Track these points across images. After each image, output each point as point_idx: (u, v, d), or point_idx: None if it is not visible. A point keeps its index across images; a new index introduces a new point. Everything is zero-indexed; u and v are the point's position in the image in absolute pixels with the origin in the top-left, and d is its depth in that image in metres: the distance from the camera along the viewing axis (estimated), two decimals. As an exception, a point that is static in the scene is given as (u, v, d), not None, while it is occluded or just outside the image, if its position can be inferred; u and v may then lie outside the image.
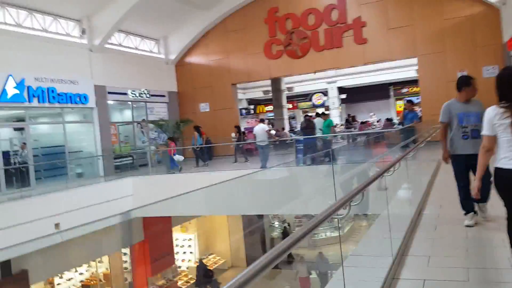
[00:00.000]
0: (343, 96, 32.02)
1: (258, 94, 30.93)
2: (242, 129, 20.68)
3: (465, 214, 4.75)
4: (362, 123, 21.81)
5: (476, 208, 4.82)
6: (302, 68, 18.13)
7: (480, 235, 4.53)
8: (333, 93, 30.89)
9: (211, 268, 15.18)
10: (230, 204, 11.20)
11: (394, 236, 4.03)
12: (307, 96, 34.25)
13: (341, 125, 21.71)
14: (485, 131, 3.19)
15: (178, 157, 14.05)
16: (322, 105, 33.80)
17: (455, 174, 4.87)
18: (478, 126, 4.23)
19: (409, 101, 11.17)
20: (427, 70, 15.69)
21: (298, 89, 30.60)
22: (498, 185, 3.09)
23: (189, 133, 17.26)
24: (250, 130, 20.81)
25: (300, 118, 35.98)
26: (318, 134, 12.76)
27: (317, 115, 14.17)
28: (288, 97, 32.81)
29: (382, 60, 16.69)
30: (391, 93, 31.31)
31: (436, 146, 11.91)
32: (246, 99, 33.40)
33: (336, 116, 29.62)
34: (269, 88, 24.21)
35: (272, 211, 12.52)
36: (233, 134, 16.55)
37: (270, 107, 29.87)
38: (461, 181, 4.79)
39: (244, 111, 32.06)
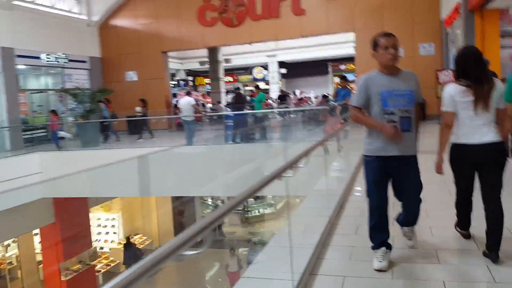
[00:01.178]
0: (283, 70, 31.46)
1: (196, 65, 29.51)
2: (174, 102, 19.46)
3: (374, 248, 3.20)
4: (299, 99, 21.26)
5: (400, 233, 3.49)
6: (238, 38, 17.08)
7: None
8: (273, 67, 30.23)
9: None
10: (153, 185, 10.22)
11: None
12: (247, 70, 33.38)
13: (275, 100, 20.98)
14: (446, 108, 3.22)
15: (64, 134, 12.70)
16: (263, 79, 33.13)
17: (368, 187, 3.24)
18: (410, 112, 3.07)
19: (343, 77, 10.55)
20: (364, 46, 15.12)
21: (238, 61, 29.57)
22: (457, 158, 3.21)
23: (116, 105, 15.93)
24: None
25: (242, 91, 35.21)
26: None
27: (257, 88, 13.27)
28: (227, 70, 31.74)
29: (320, 33, 15.99)
30: (330, 69, 31.11)
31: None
32: (184, 69, 31.89)
33: (276, 91, 29.07)
34: (206, 59, 22.96)
35: (198, 192, 11.64)
36: (138, 108, 15.26)
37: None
38: (374, 198, 3.21)
39: (182, 82, 30.61)
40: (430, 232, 3.82)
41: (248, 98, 14.52)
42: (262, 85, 34.61)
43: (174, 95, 23.81)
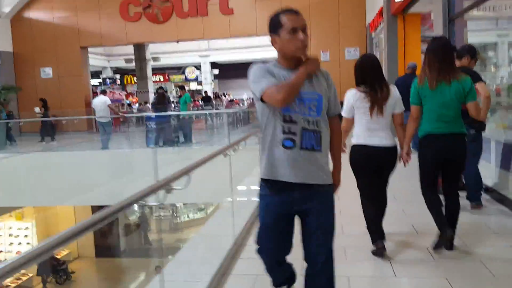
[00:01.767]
0: (216, 71, 30.94)
1: (122, 62, 28.15)
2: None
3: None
4: (230, 101, 20.81)
5: None
6: (165, 36, 16.26)
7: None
8: (206, 67, 29.61)
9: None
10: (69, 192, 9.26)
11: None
12: (180, 69, 32.47)
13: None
14: (344, 114, 3.29)
15: None
16: (195, 79, 32.37)
17: (259, 234, 2.35)
18: (319, 125, 2.11)
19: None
20: (293, 48, 15.03)
21: (170, 60, 28.57)
22: (356, 160, 3.32)
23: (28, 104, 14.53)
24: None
25: (173, 91, 34.11)
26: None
27: (181, 88, 12.53)
28: (158, 69, 30.65)
29: (249, 34, 15.60)
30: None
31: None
32: (112, 67, 30.34)
33: (210, 92, 28.49)
34: (133, 57, 21.79)
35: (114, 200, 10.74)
36: (37, 109, 14.05)
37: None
38: (264, 250, 2.37)
39: (108, 80, 29.07)
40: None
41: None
42: (194, 85, 33.95)
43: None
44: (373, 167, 3.31)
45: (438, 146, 3.23)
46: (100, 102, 10.64)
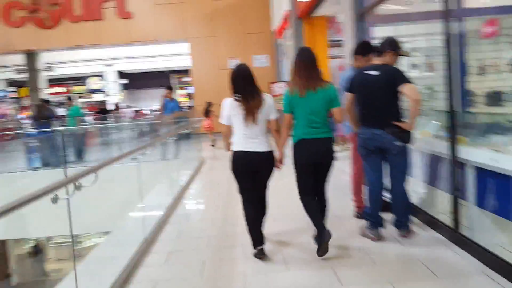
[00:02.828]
0: (125, 81, 29.04)
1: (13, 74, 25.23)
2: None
3: None
4: (136, 111, 19.37)
5: None
6: (56, 42, 14.52)
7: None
8: (112, 77, 27.65)
9: None
10: None
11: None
12: (82, 79, 30.07)
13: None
14: (221, 120, 3.50)
15: None
16: (100, 90, 30.20)
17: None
18: None
19: (169, 88, 9.18)
20: (199, 55, 14.16)
21: (70, 70, 26.23)
22: (234, 165, 3.50)
23: None
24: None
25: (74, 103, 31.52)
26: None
27: (69, 99, 10.96)
28: (57, 80, 28.08)
29: (150, 39, 14.41)
30: (173, 81, 29.76)
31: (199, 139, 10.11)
32: (6, 79, 27.14)
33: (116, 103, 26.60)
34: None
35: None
36: None
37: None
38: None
39: (5, 93, 25.94)
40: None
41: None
42: (100, 97, 31.65)
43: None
44: (250, 172, 3.49)
45: (309, 150, 3.41)
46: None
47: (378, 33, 5.11)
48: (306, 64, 3.39)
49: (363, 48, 4.04)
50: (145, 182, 6.15)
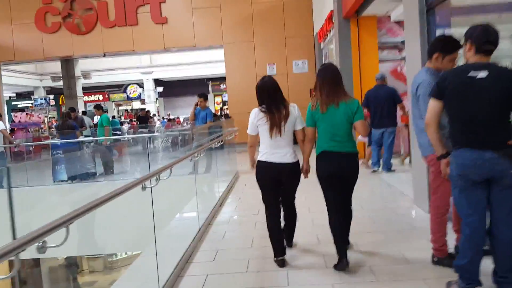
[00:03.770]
0: (160, 89, 28.89)
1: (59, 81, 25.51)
2: (9, 126, 15.76)
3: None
4: (169, 120, 18.90)
5: None
6: (89, 48, 14.19)
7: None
8: (149, 85, 27.53)
9: None
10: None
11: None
12: (121, 87, 30.16)
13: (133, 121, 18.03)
14: (249, 131, 3.59)
15: None
16: (138, 98, 30.17)
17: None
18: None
19: (202, 95, 8.44)
20: (235, 61, 13.44)
21: (110, 78, 26.34)
22: (259, 176, 3.57)
23: None
24: (22, 127, 16.03)
25: (114, 111, 31.59)
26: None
27: (98, 107, 10.39)
28: (97, 87, 28.32)
29: (186, 46, 13.84)
30: (210, 88, 29.36)
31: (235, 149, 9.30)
32: (44, 87, 27.60)
33: (154, 111, 26.45)
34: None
35: None
36: None
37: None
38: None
39: (41, 101, 26.25)
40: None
41: (91, 120, 11.57)
42: (138, 104, 31.63)
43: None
44: (275, 183, 3.56)
45: (332, 162, 3.41)
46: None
47: (452, 30, 4.15)
48: (329, 81, 3.40)
49: (447, 44, 3.12)
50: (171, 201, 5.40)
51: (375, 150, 7.47)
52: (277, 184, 3.55)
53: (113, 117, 20.81)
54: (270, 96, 3.47)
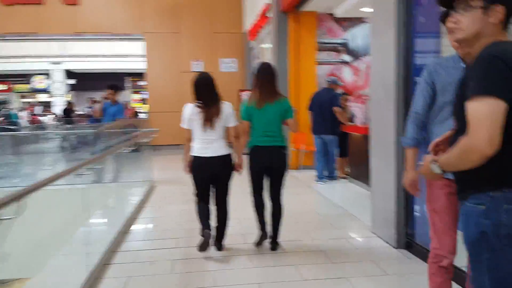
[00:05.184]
0: (72, 81, 26.38)
1: None
2: None
3: None
4: (79, 115, 16.99)
5: None
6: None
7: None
8: (59, 76, 25.02)
9: None
10: None
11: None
12: (26, 77, 27.14)
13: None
14: (183, 125, 3.67)
15: None
16: (45, 90, 27.39)
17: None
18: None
19: (113, 87, 7.12)
20: (156, 54, 12.13)
21: (11, 66, 23.40)
22: (193, 170, 3.66)
23: None
24: None
25: (16, 104, 28.39)
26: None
27: None
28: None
29: (101, 31, 12.21)
30: (128, 84, 27.42)
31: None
32: None
33: (61, 105, 24.00)
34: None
35: None
36: None
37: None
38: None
39: None
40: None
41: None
42: (45, 97, 28.64)
43: None
44: (208, 176, 3.67)
45: (263, 156, 3.69)
46: None
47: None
48: (267, 79, 3.66)
49: None
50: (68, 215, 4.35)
51: (320, 160, 6.78)
52: (210, 179, 3.68)
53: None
54: (207, 91, 3.59)
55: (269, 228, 3.83)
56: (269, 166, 3.69)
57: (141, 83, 25.86)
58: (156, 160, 8.56)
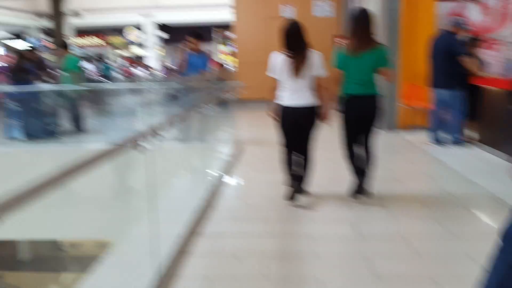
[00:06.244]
0: (165, 35, 26.34)
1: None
2: None
3: None
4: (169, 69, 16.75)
5: None
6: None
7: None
8: (150, 29, 25.10)
9: None
10: None
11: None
12: (119, 31, 27.69)
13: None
14: (269, 73, 3.63)
15: None
16: (137, 43, 27.81)
17: None
18: None
19: (196, 35, 6.32)
20: (244, 1, 11.12)
21: (103, 20, 23.77)
22: (280, 119, 3.67)
23: None
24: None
25: (111, 57, 29.14)
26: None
27: (63, 48, 8.22)
28: (93, 29, 25.91)
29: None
30: (215, 35, 26.87)
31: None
32: (43, 27, 25.00)
33: (153, 59, 24.27)
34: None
35: None
36: None
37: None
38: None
39: (37, 43, 23.75)
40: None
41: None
42: (139, 51, 29.11)
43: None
44: (295, 126, 3.64)
45: (357, 105, 3.63)
46: None
47: None
48: (362, 26, 3.53)
49: None
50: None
51: (437, 120, 5.60)
52: (297, 126, 3.65)
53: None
54: (296, 40, 3.51)
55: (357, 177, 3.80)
56: (363, 115, 3.65)
57: (228, 34, 25.22)
58: (243, 116, 7.80)
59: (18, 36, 25.77)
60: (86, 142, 7.14)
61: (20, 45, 7.15)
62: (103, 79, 16.42)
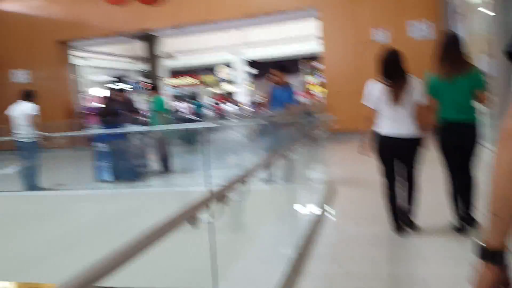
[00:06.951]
0: (253, 71, 26.73)
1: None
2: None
3: None
4: (253, 103, 16.68)
5: None
6: (159, 21, 12.35)
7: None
8: (239, 66, 25.62)
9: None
10: None
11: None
12: (210, 69, 28.71)
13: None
14: (367, 103, 3.58)
15: None
16: (228, 80, 28.56)
17: None
18: None
19: (279, 67, 5.87)
20: (331, 26, 10.57)
21: (195, 60, 24.88)
22: (379, 149, 3.60)
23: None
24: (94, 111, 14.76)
25: (204, 95, 30.16)
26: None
27: (153, 89, 8.44)
28: (187, 70, 27.08)
29: (269, 12, 11.25)
30: (303, 66, 26.59)
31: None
32: (142, 70, 26.84)
33: (243, 95, 24.60)
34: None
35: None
36: None
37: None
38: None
39: (137, 85, 25.49)
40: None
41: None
42: (228, 87, 29.87)
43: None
44: (395, 156, 3.56)
45: (455, 133, 3.46)
46: (19, 111, 6.76)
47: None
48: (454, 48, 3.41)
49: None
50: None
51: None
52: (397, 157, 3.55)
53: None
54: (395, 69, 3.44)
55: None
56: (461, 145, 3.50)
57: (316, 64, 24.75)
58: (334, 149, 7.09)
59: (119, 79, 27.85)
60: (171, 186, 6.92)
61: (121, 87, 7.48)
62: (195, 117, 16.72)
